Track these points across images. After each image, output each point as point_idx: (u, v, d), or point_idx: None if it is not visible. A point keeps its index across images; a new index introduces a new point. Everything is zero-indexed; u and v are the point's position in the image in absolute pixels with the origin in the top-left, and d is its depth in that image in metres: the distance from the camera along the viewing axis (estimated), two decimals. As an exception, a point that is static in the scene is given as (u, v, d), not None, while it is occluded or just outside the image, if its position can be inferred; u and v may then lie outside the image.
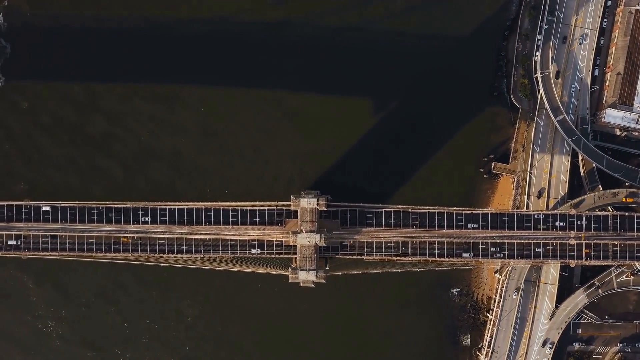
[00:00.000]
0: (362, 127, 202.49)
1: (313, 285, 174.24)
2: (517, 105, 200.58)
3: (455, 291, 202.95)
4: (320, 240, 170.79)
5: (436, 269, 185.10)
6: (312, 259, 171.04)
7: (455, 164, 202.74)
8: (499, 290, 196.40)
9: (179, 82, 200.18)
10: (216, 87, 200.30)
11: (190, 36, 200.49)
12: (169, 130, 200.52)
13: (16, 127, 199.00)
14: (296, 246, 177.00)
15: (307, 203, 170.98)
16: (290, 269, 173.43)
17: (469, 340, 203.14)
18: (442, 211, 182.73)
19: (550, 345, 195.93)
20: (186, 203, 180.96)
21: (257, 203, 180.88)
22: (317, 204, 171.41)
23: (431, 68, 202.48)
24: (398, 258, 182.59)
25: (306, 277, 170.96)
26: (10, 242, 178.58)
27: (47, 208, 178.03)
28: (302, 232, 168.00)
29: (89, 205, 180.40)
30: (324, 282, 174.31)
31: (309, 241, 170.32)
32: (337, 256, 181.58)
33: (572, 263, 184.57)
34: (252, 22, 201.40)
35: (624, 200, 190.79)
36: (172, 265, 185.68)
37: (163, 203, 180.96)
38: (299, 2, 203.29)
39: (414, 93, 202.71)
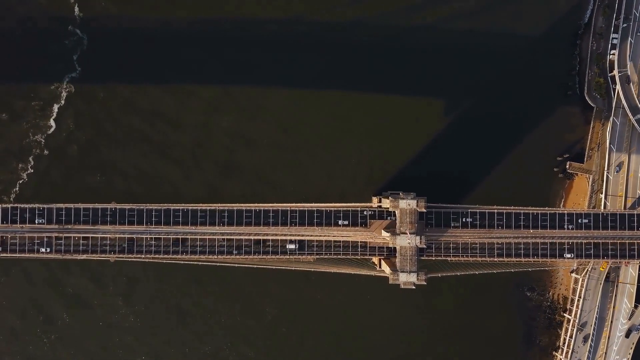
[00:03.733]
0: (434, 128, 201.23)
1: (414, 287, 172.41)
2: (592, 104, 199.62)
3: (531, 292, 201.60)
4: (420, 242, 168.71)
5: (530, 269, 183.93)
6: (413, 261, 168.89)
7: (530, 164, 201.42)
8: (577, 290, 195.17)
9: (249, 84, 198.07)
10: (288, 88, 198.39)
11: (260, 38, 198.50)
12: (241, 132, 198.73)
13: (91, 120, 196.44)
14: (384, 247, 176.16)
15: (407, 204, 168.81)
16: (390, 271, 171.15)
17: (547, 340, 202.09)
18: (528, 211, 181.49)
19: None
20: (271, 205, 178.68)
21: (343, 204, 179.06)
22: (417, 205, 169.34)
23: (504, 67, 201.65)
24: (484, 259, 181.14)
25: (407, 278, 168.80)
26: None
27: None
28: (406, 233, 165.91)
29: (174, 207, 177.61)
30: (425, 284, 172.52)
31: (409, 243, 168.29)
32: (422, 257, 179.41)
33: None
34: (322, 23, 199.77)
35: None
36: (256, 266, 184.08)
37: (247, 205, 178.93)
38: (370, 2, 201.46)
39: (487, 93, 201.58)
